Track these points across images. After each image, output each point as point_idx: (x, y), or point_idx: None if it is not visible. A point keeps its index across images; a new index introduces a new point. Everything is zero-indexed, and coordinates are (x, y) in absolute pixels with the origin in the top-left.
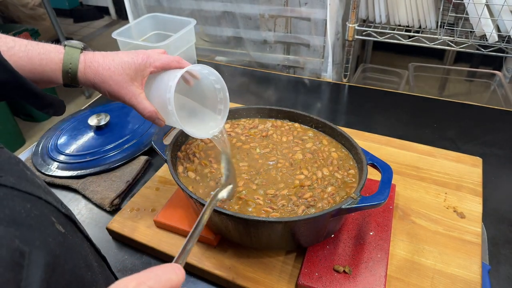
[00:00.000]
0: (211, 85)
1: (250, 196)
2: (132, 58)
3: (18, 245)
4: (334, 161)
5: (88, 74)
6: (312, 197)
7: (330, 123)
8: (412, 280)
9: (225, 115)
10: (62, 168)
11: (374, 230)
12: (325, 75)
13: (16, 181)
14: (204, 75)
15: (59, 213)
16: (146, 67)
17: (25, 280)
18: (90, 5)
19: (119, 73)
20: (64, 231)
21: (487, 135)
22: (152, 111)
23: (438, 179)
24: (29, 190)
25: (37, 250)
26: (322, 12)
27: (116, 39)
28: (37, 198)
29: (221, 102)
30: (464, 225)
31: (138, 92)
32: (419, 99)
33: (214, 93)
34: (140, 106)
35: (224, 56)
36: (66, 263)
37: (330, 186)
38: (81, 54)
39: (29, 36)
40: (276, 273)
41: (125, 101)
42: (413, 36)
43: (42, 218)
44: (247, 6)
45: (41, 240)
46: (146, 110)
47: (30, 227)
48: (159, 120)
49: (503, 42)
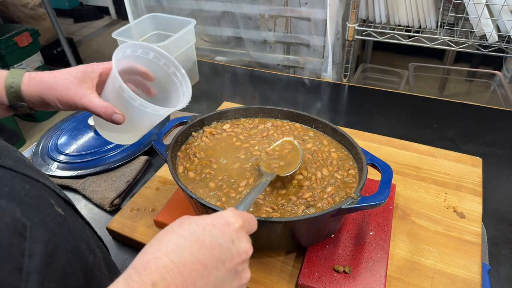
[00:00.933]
0: (165, 72)
1: None
2: (79, 66)
3: (19, 217)
4: (334, 162)
5: (33, 84)
6: (311, 197)
7: (330, 123)
8: (412, 280)
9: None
10: (62, 168)
11: (374, 230)
12: (325, 75)
13: (15, 164)
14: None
15: (58, 197)
16: (94, 69)
17: (28, 249)
18: (90, 5)
19: (66, 77)
20: (64, 214)
21: (487, 135)
22: (107, 105)
23: (438, 179)
24: (27, 173)
25: (37, 226)
26: (322, 12)
27: (116, 39)
28: (35, 180)
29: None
30: (464, 225)
31: (88, 92)
32: (419, 99)
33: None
34: (92, 105)
35: (224, 56)
36: (68, 243)
37: (329, 186)
38: (25, 73)
39: (30, 36)
40: (276, 273)
41: (76, 104)
42: (413, 36)
43: (41, 199)
44: (247, 6)
45: (40, 218)
46: (98, 107)
47: (29, 206)
48: (117, 115)
49: (503, 42)
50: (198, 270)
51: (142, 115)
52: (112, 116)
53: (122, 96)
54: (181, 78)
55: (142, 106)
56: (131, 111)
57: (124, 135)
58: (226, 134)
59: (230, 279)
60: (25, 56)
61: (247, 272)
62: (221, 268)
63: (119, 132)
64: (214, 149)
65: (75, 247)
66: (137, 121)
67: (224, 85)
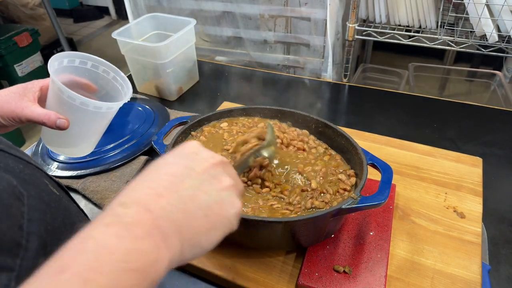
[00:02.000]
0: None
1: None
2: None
3: (16, 185)
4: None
5: None
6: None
7: (330, 123)
8: (412, 280)
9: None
10: (62, 168)
11: (374, 230)
12: (325, 75)
13: (6, 147)
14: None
15: (51, 180)
16: (34, 84)
17: (27, 214)
18: (90, 5)
19: (6, 94)
20: (58, 193)
21: (487, 135)
22: (49, 112)
23: (438, 179)
24: (19, 155)
25: (33, 198)
26: (322, 12)
27: (116, 39)
28: (28, 162)
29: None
30: (464, 225)
31: (30, 104)
32: (419, 99)
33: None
34: (35, 114)
35: (224, 56)
36: (66, 218)
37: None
38: None
39: (29, 36)
40: (276, 273)
41: (19, 116)
42: (413, 36)
43: (35, 178)
44: (247, 6)
45: (36, 192)
46: (41, 115)
47: (24, 181)
48: (61, 120)
49: (503, 42)
50: (168, 180)
51: (86, 115)
52: (56, 122)
53: (63, 99)
54: (122, 81)
55: (83, 104)
56: (74, 113)
57: (75, 144)
58: (222, 131)
59: (208, 182)
60: (25, 56)
61: (226, 177)
62: (192, 173)
63: (69, 142)
64: (207, 145)
65: (72, 224)
66: (83, 123)
67: (224, 85)
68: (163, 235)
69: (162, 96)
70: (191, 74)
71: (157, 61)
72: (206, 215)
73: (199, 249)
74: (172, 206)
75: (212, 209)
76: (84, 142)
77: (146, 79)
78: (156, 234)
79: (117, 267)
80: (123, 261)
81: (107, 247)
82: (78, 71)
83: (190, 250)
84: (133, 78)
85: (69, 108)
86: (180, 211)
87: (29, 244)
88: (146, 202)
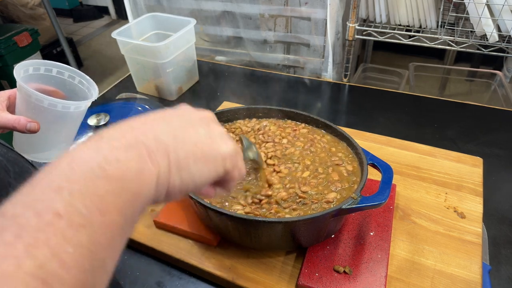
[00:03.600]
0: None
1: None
2: None
3: (2, 159)
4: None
5: None
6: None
7: (331, 123)
8: (412, 281)
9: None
10: None
11: (374, 230)
12: (325, 75)
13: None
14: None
15: (34, 168)
16: (1, 94)
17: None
18: (90, 5)
19: None
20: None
21: (488, 135)
22: (20, 117)
23: (439, 179)
24: (2, 142)
25: (17, 175)
26: (322, 11)
27: (116, 38)
28: (11, 149)
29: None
30: (465, 225)
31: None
32: (420, 99)
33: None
34: (5, 120)
35: (224, 56)
36: None
37: None
38: None
39: (29, 36)
40: (276, 273)
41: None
42: (413, 35)
43: (18, 160)
44: (247, 5)
45: (19, 170)
46: (11, 120)
47: (8, 160)
48: (31, 123)
49: (504, 42)
50: (157, 120)
51: (56, 117)
52: (26, 126)
53: (31, 103)
54: (88, 83)
55: (52, 105)
56: (44, 116)
57: (48, 148)
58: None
59: (198, 124)
60: (25, 56)
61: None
62: (181, 118)
63: (42, 146)
64: None
65: None
66: (53, 125)
67: (224, 85)
68: (147, 149)
69: (161, 96)
70: (191, 74)
71: (157, 60)
72: (196, 144)
73: (188, 175)
74: (159, 129)
75: (201, 141)
76: (56, 145)
77: (146, 79)
78: (139, 147)
79: (92, 174)
80: (99, 168)
81: (83, 158)
82: (44, 78)
83: (178, 173)
84: (133, 78)
85: (38, 111)
86: (167, 134)
87: None
88: (132, 126)
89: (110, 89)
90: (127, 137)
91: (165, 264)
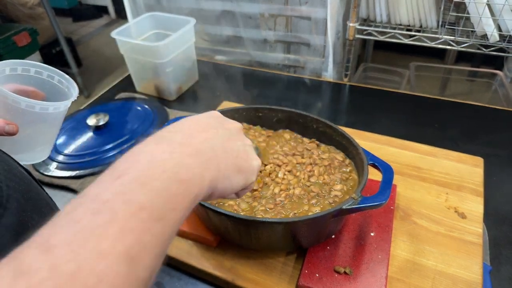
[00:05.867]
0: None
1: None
2: None
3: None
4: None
5: None
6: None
7: (331, 123)
8: (413, 281)
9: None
10: (61, 168)
11: (375, 230)
12: (325, 74)
13: None
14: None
15: (21, 167)
16: None
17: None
18: (89, 4)
19: None
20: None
21: (489, 135)
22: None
23: (439, 179)
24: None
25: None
26: (322, 11)
27: (115, 38)
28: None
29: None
30: (465, 225)
31: None
32: (420, 99)
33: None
34: None
35: (224, 55)
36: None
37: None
38: None
39: (28, 36)
40: (276, 274)
41: None
42: (414, 35)
43: (6, 160)
44: (247, 5)
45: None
46: None
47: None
48: (9, 126)
49: (504, 41)
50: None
51: (34, 118)
52: (5, 128)
53: (8, 105)
54: (67, 83)
55: (29, 106)
56: (22, 117)
57: (29, 149)
58: None
59: (235, 136)
60: (24, 55)
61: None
62: (225, 131)
63: (23, 147)
64: None
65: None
66: (32, 126)
67: (224, 85)
68: (205, 157)
69: (161, 96)
70: (190, 74)
71: (157, 60)
72: (236, 158)
73: (229, 183)
74: (212, 139)
75: (240, 155)
76: (39, 146)
77: (145, 79)
78: (200, 155)
79: (168, 176)
80: (173, 171)
81: (159, 159)
82: (22, 79)
83: (222, 181)
84: (132, 77)
85: (16, 113)
86: (219, 144)
87: (8, 205)
88: (190, 133)
89: (110, 89)
90: (191, 144)
91: (164, 265)
